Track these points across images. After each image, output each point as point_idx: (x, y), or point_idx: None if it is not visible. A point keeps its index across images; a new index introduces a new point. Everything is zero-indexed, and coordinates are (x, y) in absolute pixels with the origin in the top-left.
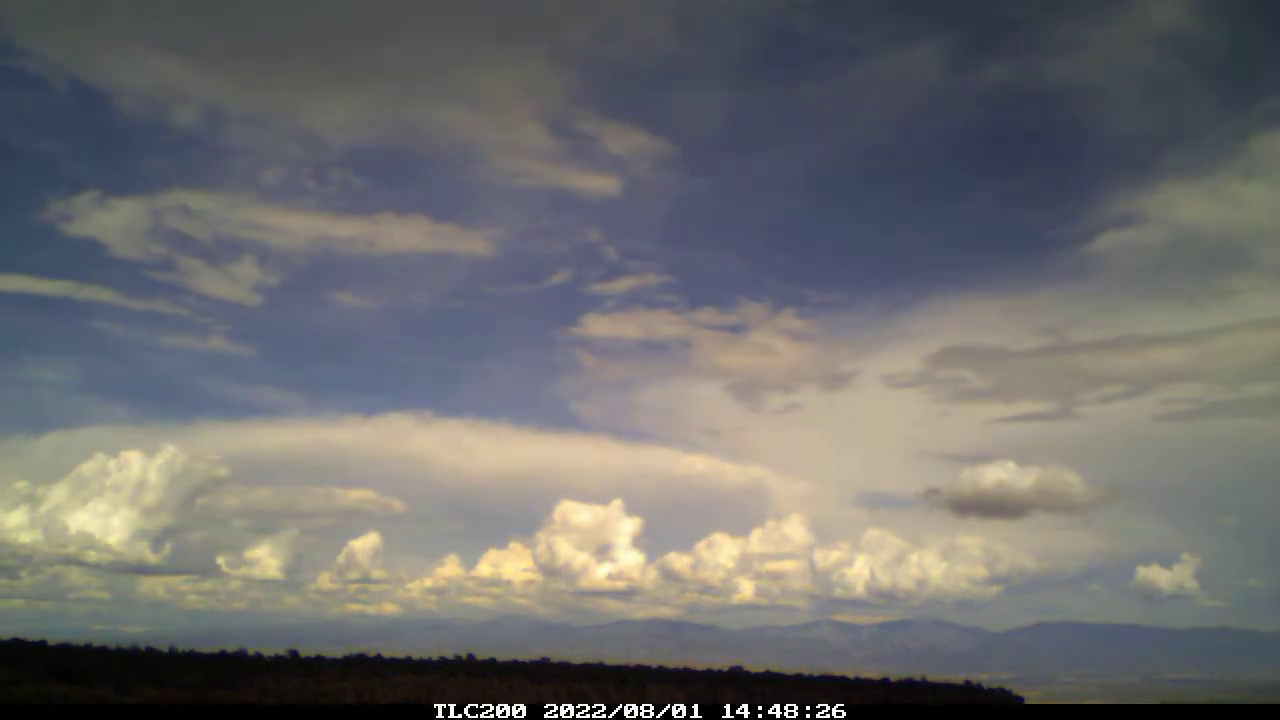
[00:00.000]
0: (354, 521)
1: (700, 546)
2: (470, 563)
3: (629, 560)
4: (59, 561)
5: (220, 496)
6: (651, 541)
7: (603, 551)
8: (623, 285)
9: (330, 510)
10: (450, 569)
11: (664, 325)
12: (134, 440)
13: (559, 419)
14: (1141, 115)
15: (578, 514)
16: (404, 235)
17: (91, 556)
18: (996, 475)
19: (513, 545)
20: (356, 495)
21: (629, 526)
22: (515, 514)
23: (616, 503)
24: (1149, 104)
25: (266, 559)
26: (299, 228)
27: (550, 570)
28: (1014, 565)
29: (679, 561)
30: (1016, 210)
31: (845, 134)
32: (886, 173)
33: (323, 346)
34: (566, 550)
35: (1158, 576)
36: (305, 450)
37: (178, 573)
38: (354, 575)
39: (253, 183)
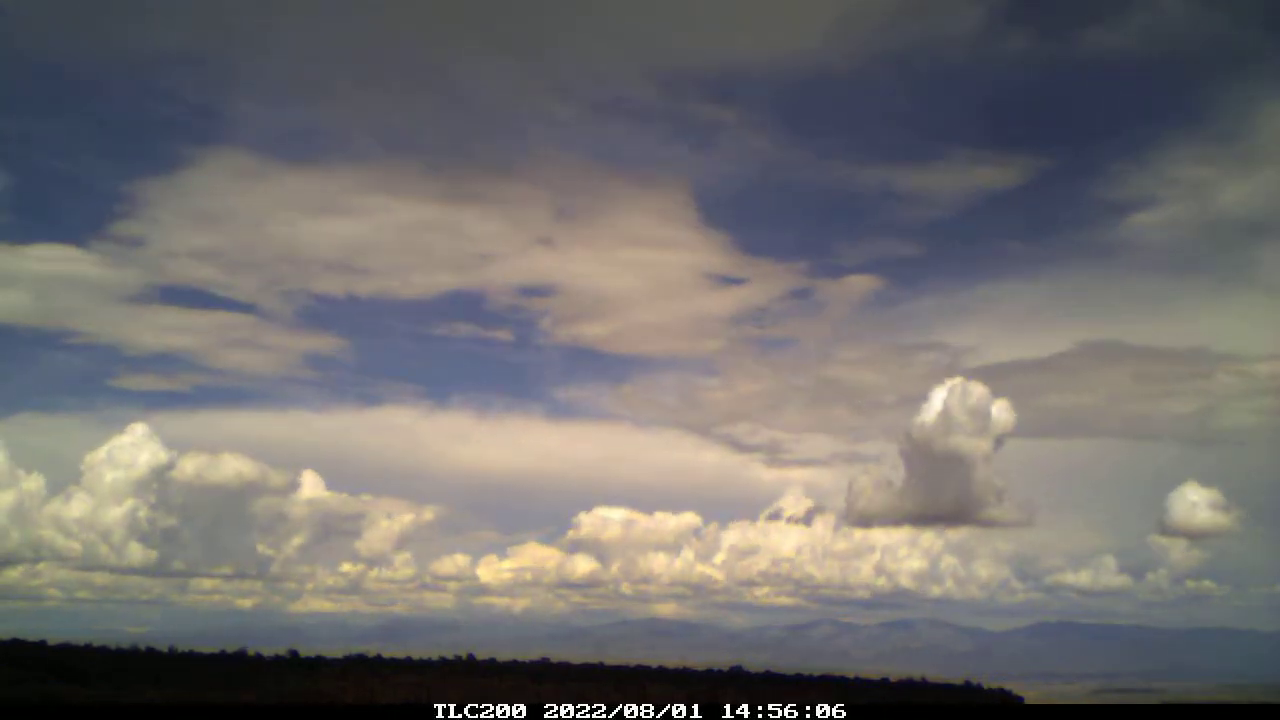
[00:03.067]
0: (360, 519)
1: (702, 544)
2: (475, 562)
3: (655, 561)
4: (58, 561)
5: (222, 494)
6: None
7: (620, 552)
8: None
9: (335, 508)
10: (455, 568)
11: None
12: (134, 434)
13: (574, 411)
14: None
15: (603, 516)
16: None
17: (91, 555)
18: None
19: (520, 544)
20: (362, 492)
21: (657, 526)
22: (526, 512)
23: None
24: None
25: (269, 557)
26: None
27: (562, 570)
28: (1014, 565)
29: (685, 559)
30: (1040, 189)
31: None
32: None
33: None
34: (584, 551)
35: (1159, 576)
36: (311, 445)
37: (179, 573)
38: (359, 574)
39: None
